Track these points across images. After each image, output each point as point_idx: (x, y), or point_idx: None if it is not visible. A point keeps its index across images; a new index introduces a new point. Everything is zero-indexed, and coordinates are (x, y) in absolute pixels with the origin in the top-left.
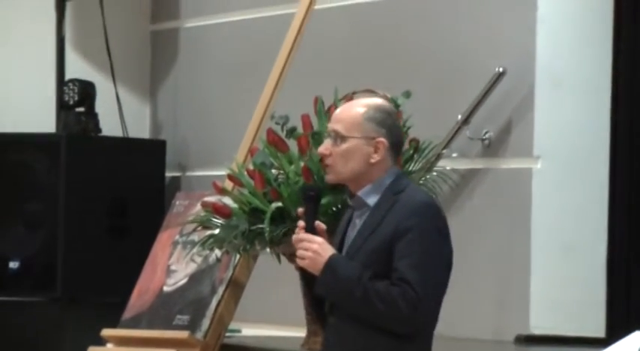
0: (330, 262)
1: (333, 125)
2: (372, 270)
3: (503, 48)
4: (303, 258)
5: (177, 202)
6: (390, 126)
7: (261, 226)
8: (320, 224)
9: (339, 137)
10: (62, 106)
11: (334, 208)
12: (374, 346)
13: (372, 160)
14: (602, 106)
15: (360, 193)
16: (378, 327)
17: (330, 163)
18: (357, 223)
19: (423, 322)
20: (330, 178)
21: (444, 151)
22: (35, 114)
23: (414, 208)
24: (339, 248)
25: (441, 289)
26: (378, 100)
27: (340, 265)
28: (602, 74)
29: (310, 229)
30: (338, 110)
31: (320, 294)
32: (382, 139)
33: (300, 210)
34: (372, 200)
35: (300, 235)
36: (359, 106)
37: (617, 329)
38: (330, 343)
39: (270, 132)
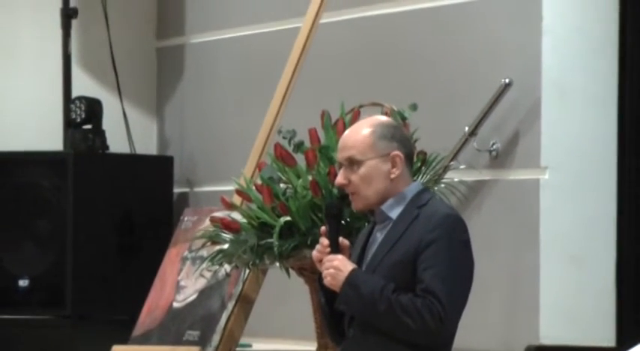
0: (351, 278)
1: (346, 153)
2: (395, 283)
3: (509, 59)
4: (325, 277)
5: (186, 218)
6: (400, 138)
7: (270, 240)
8: (344, 241)
9: (355, 163)
10: (69, 123)
11: (343, 222)
12: None
13: (393, 176)
14: (608, 116)
15: (382, 207)
16: (402, 340)
17: (353, 191)
18: (379, 236)
19: (449, 334)
20: (357, 206)
21: (452, 162)
22: (42, 132)
23: (437, 220)
24: (358, 263)
25: (465, 301)
26: (379, 117)
27: (361, 280)
28: (608, 84)
29: (334, 246)
30: (344, 137)
31: (342, 309)
32: (397, 153)
33: (323, 228)
34: (394, 213)
35: (319, 255)
36: (365, 127)
37: (627, 338)
38: None
39: (278, 146)
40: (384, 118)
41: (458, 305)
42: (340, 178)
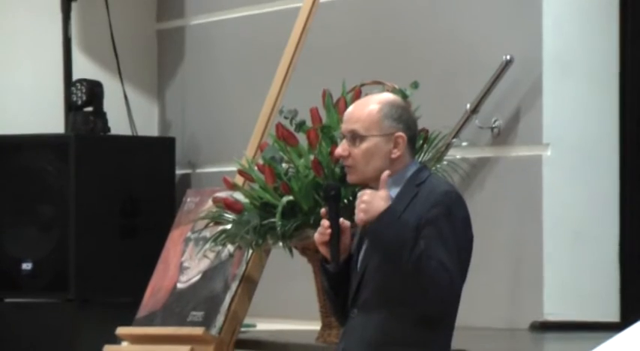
0: (391, 209)
1: (350, 125)
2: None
3: (510, 36)
4: (359, 209)
5: (188, 199)
6: (407, 120)
7: (272, 220)
8: (344, 221)
9: (358, 137)
10: (70, 106)
11: (346, 200)
12: (402, 337)
13: (394, 156)
14: (610, 91)
15: None
16: (404, 318)
17: (350, 165)
18: None
19: (454, 311)
20: (352, 178)
21: (454, 140)
22: (43, 115)
23: (437, 197)
24: (359, 243)
25: (465, 278)
26: (389, 95)
27: (396, 223)
28: (609, 60)
29: (335, 227)
30: (351, 109)
31: (371, 236)
32: (401, 134)
33: (323, 210)
34: (393, 193)
35: (320, 236)
36: (373, 103)
37: (631, 313)
38: (353, 334)
39: (280, 126)
40: (393, 97)
41: (463, 282)
42: (340, 150)
